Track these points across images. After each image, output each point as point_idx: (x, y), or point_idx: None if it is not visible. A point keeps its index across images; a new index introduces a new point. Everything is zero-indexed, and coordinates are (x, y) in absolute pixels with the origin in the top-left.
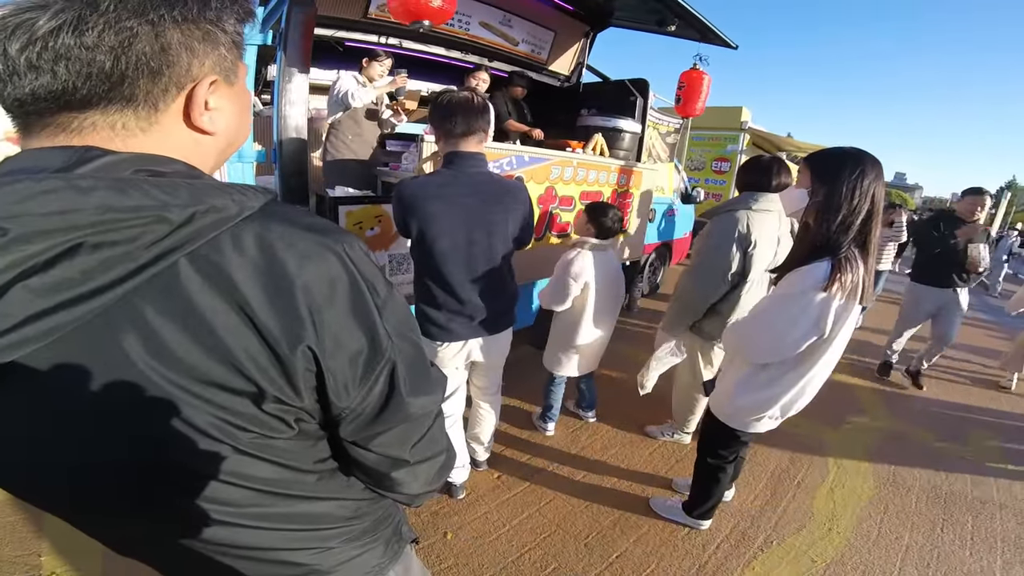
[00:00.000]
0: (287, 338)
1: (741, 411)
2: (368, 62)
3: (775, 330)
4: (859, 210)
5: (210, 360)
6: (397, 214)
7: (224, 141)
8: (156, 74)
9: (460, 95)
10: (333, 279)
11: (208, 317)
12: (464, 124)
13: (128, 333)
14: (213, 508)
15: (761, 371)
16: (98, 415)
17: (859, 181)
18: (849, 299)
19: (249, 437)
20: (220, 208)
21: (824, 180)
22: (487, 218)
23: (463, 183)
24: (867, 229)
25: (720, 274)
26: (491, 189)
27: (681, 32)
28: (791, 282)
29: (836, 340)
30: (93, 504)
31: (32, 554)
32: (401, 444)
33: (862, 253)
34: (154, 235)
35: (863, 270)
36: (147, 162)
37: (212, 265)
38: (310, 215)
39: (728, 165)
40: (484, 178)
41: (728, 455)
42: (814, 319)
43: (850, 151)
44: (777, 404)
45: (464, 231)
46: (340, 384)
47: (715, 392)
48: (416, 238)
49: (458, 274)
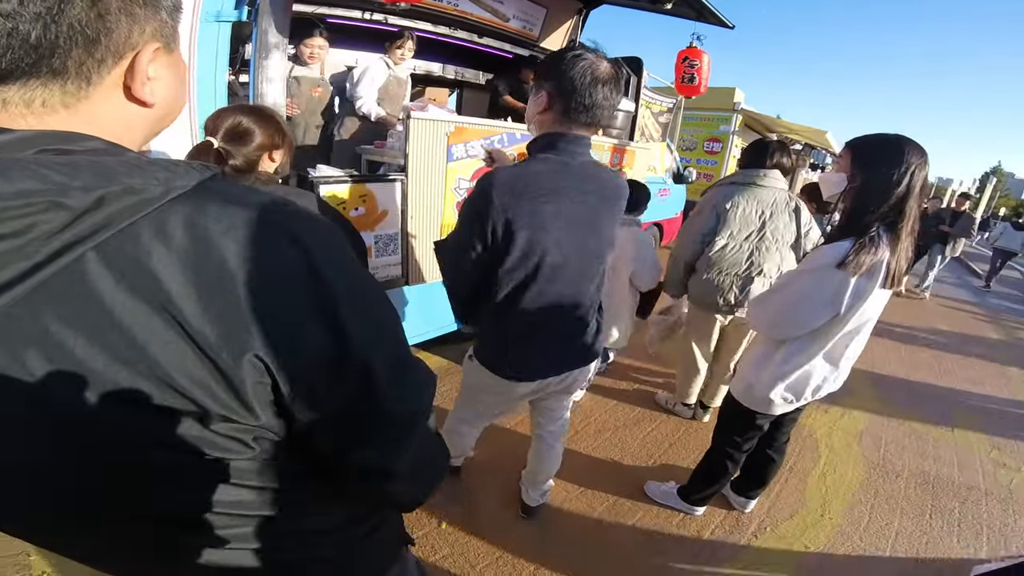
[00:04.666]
0: (228, 346)
1: (756, 387)
2: (392, 45)
3: (789, 303)
4: (891, 195)
5: (133, 376)
6: (480, 211)
7: (162, 111)
8: (92, 43)
9: (605, 63)
10: (286, 269)
11: (125, 324)
12: (604, 104)
13: (28, 348)
14: (175, 535)
15: (778, 348)
16: (12, 438)
17: (897, 167)
18: (870, 279)
19: (199, 460)
20: (138, 189)
21: (863, 164)
22: (597, 223)
23: (574, 175)
24: (898, 212)
25: (693, 235)
26: (605, 185)
27: (677, 10)
28: (812, 258)
29: (855, 319)
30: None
31: (21, 553)
32: (384, 455)
33: (891, 237)
34: (50, 225)
35: (889, 253)
36: (54, 140)
37: (129, 258)
38: (258, 192)
39: (720, 145)
40: (592, 171)
41: (742, 441)
42: (829, 295)
43: (891, 137)
44: (791, 380)
45: (577, 239)
46: (302, 395)
47: (736, 374)
48: (503, 247)
49: (566, 297)
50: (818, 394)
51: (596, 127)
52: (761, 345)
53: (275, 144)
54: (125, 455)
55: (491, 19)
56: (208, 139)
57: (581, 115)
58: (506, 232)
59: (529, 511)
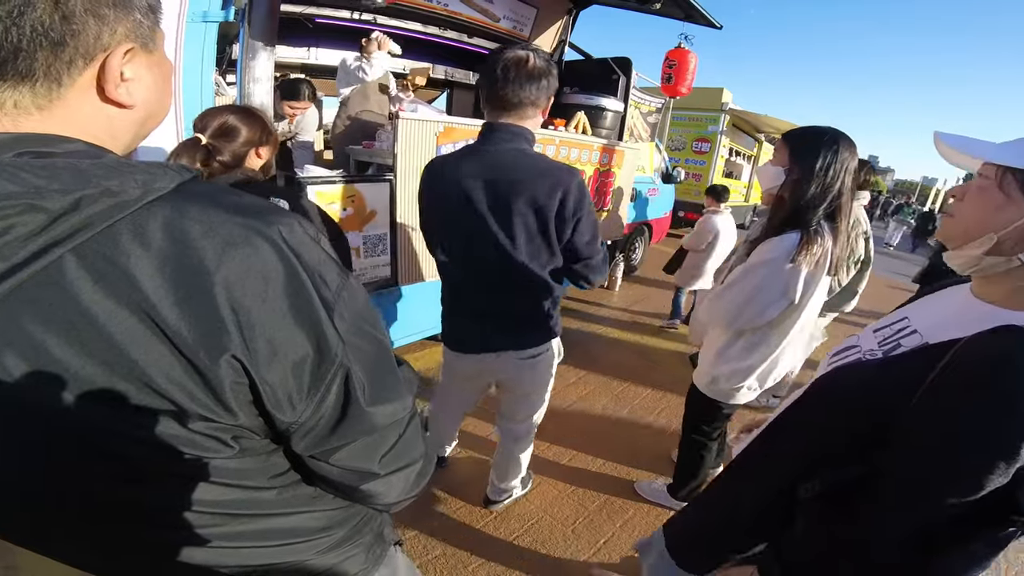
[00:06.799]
0: (206, 347)
1: (720, 380)
2: (367, 41)
3: (745, 295)
4: (831, 186)
5: (112, 376)
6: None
7: (143, 113)
8: (57, 45)
9: (512, 53)
10: (265, 271)
11: (103, 325)
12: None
13: (7, 348)
14: (158, 534)
15: (737, 339)
16: None
17: (834, 159)
18: (817, 269)
19: (179, 459)
20: (116, 191)
21: (801, 157)
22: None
23: (488, 163)
24: (837, 204)
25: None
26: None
27: (665, 11)
28: (762, 251)
29: (806, 308)
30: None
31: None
32: (367, 457)
33: (832, 227)
34: (28, 228)
35: (831, 242)
36: (33, 143)
37: (106, 260)
38: (238, 194)
39: (708, 146)
40: (514, 159)
41: (711, 431)
42: (782, 286)
43: (826, 130)
44: (754, 373)
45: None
46: (281, 397)
47: (698, 366)
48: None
49: (480, 280)
50: (774, 379)
51: (509, 111)
52: (721, 339)
53: (262, 141)
54: (103, 454)
55: (481, 19)
56: (196, 135)
57: (492, 102)
58: (426, 211)
59: (487, 501)
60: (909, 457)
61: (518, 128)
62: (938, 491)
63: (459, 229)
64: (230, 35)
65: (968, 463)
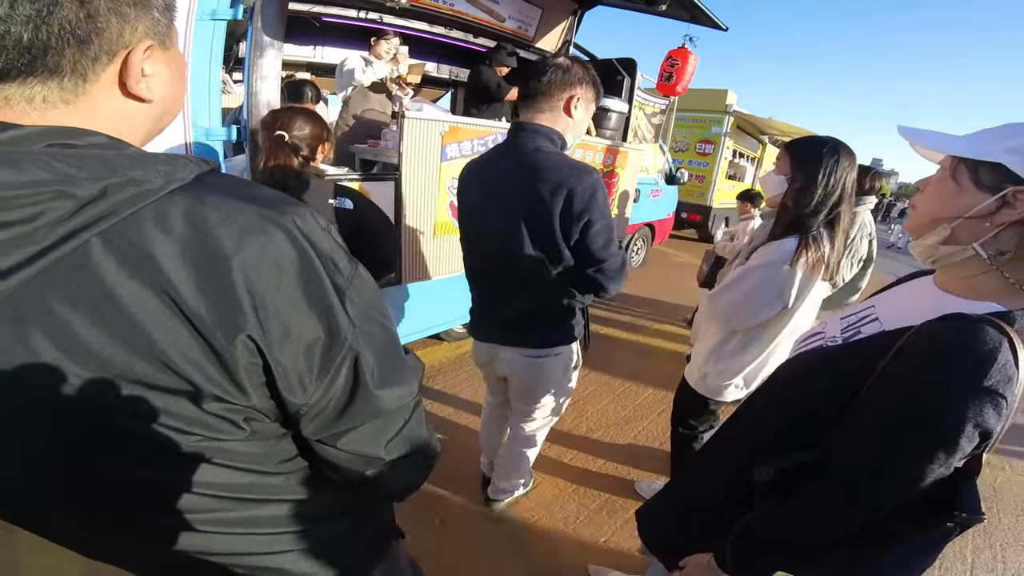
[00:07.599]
0: (223, 327)
1: (710, 376)
2: (376, 41)
3: (742, 295)
4: (832, 194)
5: (131, 355)
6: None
7: (161, 108)
8: (84, 43)
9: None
10: (280, 258)
11: (126, 305)
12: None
13: (34, 327)
14: (167, 517)
15: (731, 338)
16: (13, 418)
17: (835, 168)
18: (813, 273)
19: (192, 440)
20: (140, 180)
21: (803, 165)
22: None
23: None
24: (837, 212)
25: None
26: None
27: (671, 12)
28: (761, 254)
29: (800, 312)
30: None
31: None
32: (374, 441)
33: (830, 233)
34: (58, 213)
35: (830, 248)
36: (60, 135)
37: (130, 244)
38: (255, 186)
39: (712, 147)
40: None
41: (699, 425)
42: (778, 289)
43: (828, 140)
44: (743, 372)
45: (497, 220)
46: (293, 379)
47: (690, 361)
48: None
49: (488, 270)
50: (761, 379)
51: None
52: (716, 336)
53: (326, 137)
54: (117, 432)
55: (487, 19)
56: (280, 133)
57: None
58: (458, 204)
59: (487, 499)
60: (856, 441)
61: (534, 126)
62: (879, 476)
63: (472, 221)
64: (237, 33)
65: (908, 451)
